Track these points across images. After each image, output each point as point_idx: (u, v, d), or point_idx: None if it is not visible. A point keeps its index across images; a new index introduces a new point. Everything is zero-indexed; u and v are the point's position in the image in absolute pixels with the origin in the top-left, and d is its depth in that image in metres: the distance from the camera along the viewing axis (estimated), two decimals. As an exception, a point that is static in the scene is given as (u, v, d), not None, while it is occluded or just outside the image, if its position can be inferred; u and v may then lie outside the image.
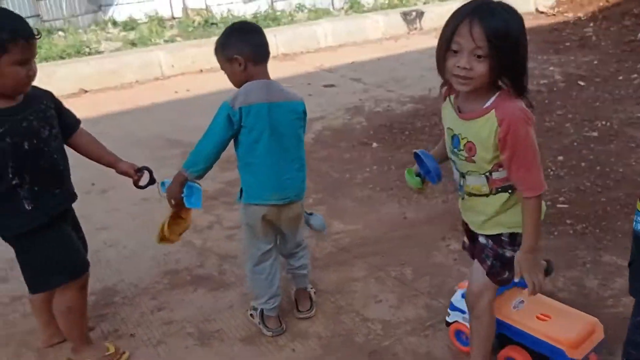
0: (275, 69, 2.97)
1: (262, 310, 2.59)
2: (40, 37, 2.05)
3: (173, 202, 2.35)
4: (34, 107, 2.12)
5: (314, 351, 2.46)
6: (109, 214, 3.87)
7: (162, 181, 2.42)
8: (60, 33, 14.28)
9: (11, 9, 12.73)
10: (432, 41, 8.65)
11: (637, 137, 4.43)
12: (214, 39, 2.45)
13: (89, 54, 8.65)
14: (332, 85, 6.50)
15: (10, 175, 2.06)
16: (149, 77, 7.32)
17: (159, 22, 17.97)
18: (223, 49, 2.33)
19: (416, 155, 2.09)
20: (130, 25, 17.69)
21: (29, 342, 2.64)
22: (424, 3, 12.16)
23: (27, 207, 2.12)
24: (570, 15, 9.65)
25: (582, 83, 5.97)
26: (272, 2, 17.84)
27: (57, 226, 2.23)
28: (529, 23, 9.70)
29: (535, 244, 1.84)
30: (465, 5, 1.71)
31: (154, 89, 7.01)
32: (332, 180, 4.15)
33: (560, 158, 4.20)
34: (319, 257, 3.17)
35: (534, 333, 2.13)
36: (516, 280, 1.94)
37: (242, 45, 2.29)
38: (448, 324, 2.43)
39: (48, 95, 2.24)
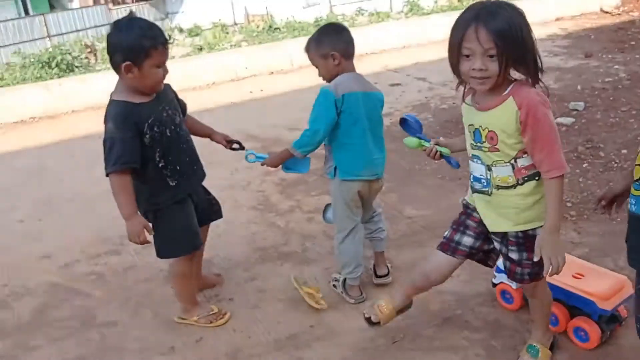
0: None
1: (344, 281, 2.90)
2: (171, 43, 2.46)
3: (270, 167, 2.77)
4: (166, 99, 2.52)
5: (392, 316, 2.75)
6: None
7: (247, 152, 2.82)
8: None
9: (86, 17, 13.73)
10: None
11: None
12: (279, 42, 2.77)
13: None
14: (398, 84, 6.78)
15: (158, 159, 2.46)
16: (225, 78, 7.81)
17: (223, 28, 18.74)
18: (318, 47, 2.65)
19: (402, 121, 2.39)
20: (195, 31, 18.55)
21: (144, 302, 3.06)
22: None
23: (171, 184, 2.52)
24: (635, 14, 9.55)
25: (647, 80, 6.00)
26: (331, 7, 18.26)
27: (187, 203, 2.64)
28: (593, 23, 9.75)
29: (558, 224, 1.89)
30: (466, 11, 1.82)
31: (230, 89, 7.49)
32: (402, 170, 4.44)
33: (624, 151, 4.33)
34: (393, 237, 3.45)
35: (570, 289, 2.42)
36: (536, 259, 1.95)
37: (337, 42, 2.61)
38: (494, 285, 2.72)
39: (169, 86, 2.63)
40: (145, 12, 21.63)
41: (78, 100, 7.34)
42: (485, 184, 2.03)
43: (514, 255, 2.09)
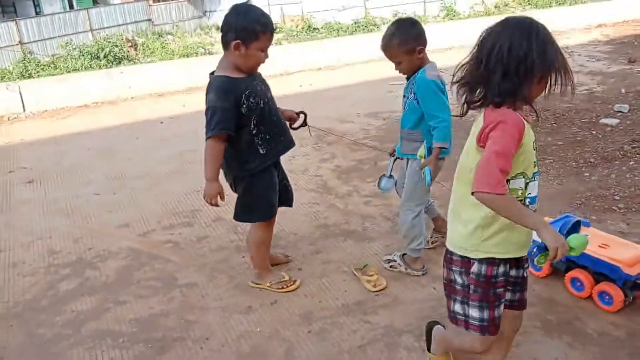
0: (387, 68, 3.49)
1: (403, 256, 3.12)
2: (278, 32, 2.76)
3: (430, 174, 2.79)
4: (259, 77, 2.81)
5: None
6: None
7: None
8: (169, 37, 15.53)
9: (127, 12, 14.27)
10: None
11: None
12: (320, 42, 2.94)
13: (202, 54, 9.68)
14: (447, 83, 6.95)
15: (252, 127, 2.75)
16: (273, 73, 8.09)
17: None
18: (402, 43, 2.80)
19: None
20: (233, 29, 18.81)
21: (219, 268, 3.33)
22: (522, 10, 12.28)
23: (261, 152, 2.79)
24: (681, 22, 9.55)
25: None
26: (366, 10, 18.50)
27: (272, 174, 2.91)
28: (637, 29, 9.70)
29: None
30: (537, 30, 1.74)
31: (281, 83, 7.76)
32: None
33: (672, 151, 4.46)
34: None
35: (597, 256, 2.68)
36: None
37: (418, 36, 2.81)
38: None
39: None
40: (184, 10, 22.09)
41: (136, 87, 7.74)
42: (534, 201, 1.89)
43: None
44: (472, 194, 1.72)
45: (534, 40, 1.72)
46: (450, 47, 9.34)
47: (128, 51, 12.78)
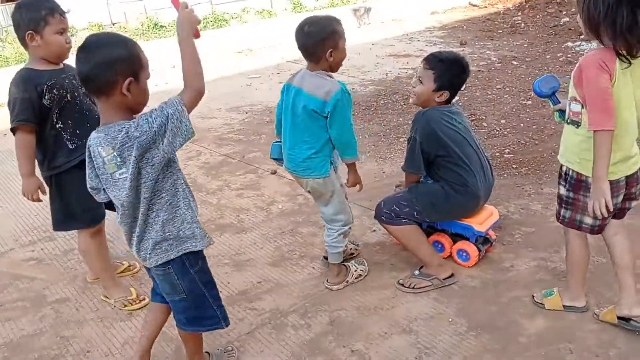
0: (244, 62, 3.57)
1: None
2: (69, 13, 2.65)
3: None
4: (72, 72, 2.66)
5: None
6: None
7: None
8: None
9: None
10: (381, 33, 9.44)
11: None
12: (168, 39, 2.92)
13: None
14: (299, 73, 7.17)
15: (55, 120, 2.64)
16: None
17: (99, 27, 17.98)
18: None
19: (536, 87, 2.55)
20: (70, 32, 17.57)
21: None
22: (363, 0, 12.97)
23: (70, 147, 2.68)
24: (500, 7, 10.70)
25: (515, 63, 6.90)
26: (212, 6, 18.31)
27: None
28: (464, 15, 10.72)
29: (597, 175, 2.11)
30: None
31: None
32: (376, 136, 4.88)
33: (503, 121, 5.05)
34: (381, 194, 3.65)
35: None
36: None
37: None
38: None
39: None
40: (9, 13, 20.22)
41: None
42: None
43: (561, 191, 2.39)
44: None
45: None
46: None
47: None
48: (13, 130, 2.59)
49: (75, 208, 2.74)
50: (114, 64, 1.78)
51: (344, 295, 2.88)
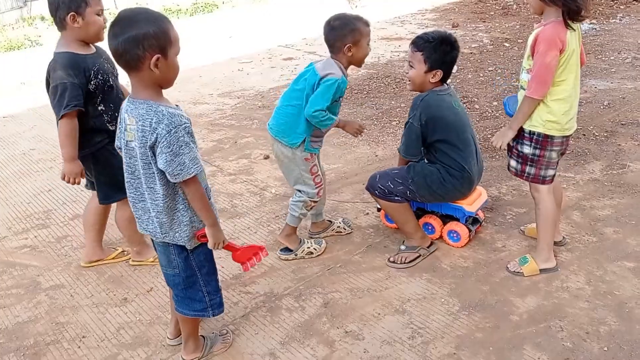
0: (235, 47, 3.57)
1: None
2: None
3: None
4: (105, 54, 2.74)
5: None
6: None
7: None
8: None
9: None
10: (373, 16, 9.38)
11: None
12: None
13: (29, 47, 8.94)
14: (290, 59, 7.13)
15: (98, 104, 2.71)
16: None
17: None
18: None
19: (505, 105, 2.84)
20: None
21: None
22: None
23: (111, 128, 2.75)
24: (492, -11, 10.66)
25: (507, 45, 6.89)
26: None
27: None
28: (457, -4, 10.54)
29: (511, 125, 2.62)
30: None
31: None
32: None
33: (495, 103, 5.06)
34: None
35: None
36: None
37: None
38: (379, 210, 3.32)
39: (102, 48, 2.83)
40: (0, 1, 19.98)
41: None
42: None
43: (525, 150, 2.66)
44: None
45: None
46: (295, 21, 9.54)
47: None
48: (62, 115, 2.60)
49: (121, 178, 2.75)
50: (142, 40, 1.80)
51: (337, 277, 2.90)
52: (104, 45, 2.16)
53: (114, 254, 3.20)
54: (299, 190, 3.01)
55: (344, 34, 2.74)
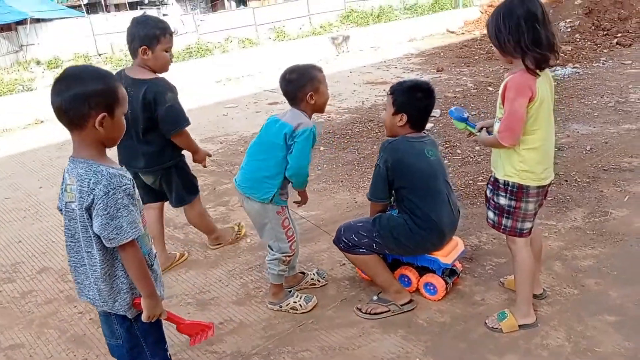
0: (223, 91, 3.66)
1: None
2: (177, 34, 3.20)
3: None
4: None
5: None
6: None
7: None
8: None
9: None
10: (359, 61, 9.48)
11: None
12: None
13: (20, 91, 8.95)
14: (276, 103, 7.14)
15: None
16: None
17: (85, 59, 18.08)
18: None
19: (450, 113, 2.76)
20: (55, 63, 17.72)
21: (48, 322, 3.05)
22: (345, 29, 13.08)
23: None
24: (477, 33, 10.84)
25: (491, 89, 6.93)
26: (198, 35, 18.42)
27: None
28: (441, 42, 10.87)
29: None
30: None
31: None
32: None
33: (477, 148, 5.02)
34: None
35: None
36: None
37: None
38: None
39: None
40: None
41: None
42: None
43: (501, 201, 2.58)
44: None
45: None
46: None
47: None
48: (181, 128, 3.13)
49: (193, 179, 3.44)
50: (89, 97, 1.73)
51: (308, 334, 2.77)
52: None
53: (177, 259, 3.55)
54: (271, 247, 2.91)
55: (303, 84, 2.73)
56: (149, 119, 3.06)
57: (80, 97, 1.72)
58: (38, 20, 22.67)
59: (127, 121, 2.88)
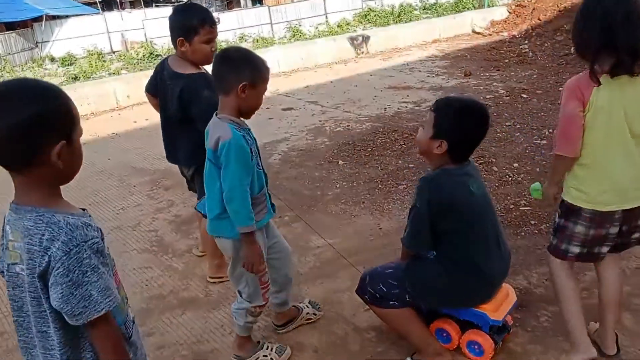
0: None
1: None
2: (219, 24, 2.76)
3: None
4: (210, 76, 2.60)
5: (312, 361, 2.52)
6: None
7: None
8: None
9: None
10: (380, 63, 8.96)
11: (582, 142, 4.77)
12: None
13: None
14: (290, 109, 6.63)
15: None
16: (104, 108, 7.24)
17: (99, 56, 17.83)
18: None
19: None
20: (68, 60, 17.49)
21: (18, 377, 2.57)
22: (363, 29, 12.54)
23: None
24: (505, 34, 10.24)
25: (525, 95, 6.35)
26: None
27: None
28: (467, 43, 10.27)
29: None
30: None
31: (112, 119, 6.93)
32: (304, 198, 4.25)
33: (516, 165, 4.46)
34: (303, 272, 3.23)
35: None
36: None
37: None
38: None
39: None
40: (12, 42, 20.09)
41: None
42: None
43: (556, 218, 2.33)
44: None
45: None
46: (297, 68, 9.12)
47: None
48: None
49: None
50: (31, 128, 1.25)
51: (327, 405, 2.26)
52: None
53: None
54: (240, 293, 2.43)
55: (242, 69, 2.15)
56: (185, 116, 2.86)
57: (20, 129, 1.23)
58: (54, 18, 22.55)
59: (168, 114, 2.91)
